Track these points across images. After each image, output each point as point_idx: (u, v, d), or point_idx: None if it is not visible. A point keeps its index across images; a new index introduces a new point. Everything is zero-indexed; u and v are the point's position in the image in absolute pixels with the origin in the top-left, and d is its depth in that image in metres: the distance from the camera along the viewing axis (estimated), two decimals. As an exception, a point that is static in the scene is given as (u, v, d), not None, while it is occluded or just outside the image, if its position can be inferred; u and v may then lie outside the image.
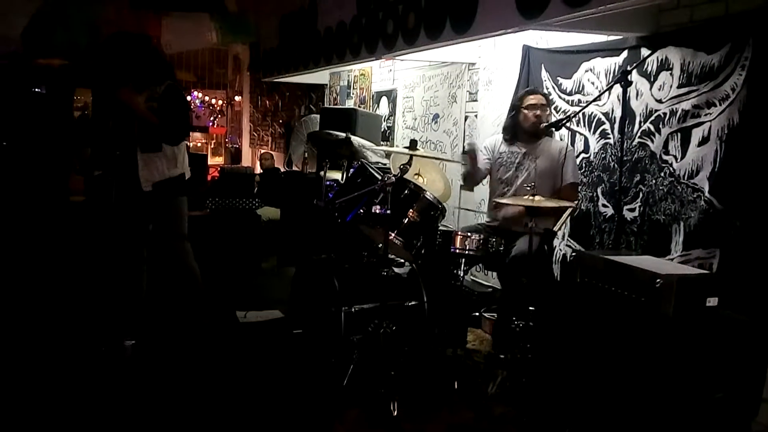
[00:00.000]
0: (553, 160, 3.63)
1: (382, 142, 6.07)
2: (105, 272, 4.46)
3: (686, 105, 3.16)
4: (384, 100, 6.40)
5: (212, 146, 12.66)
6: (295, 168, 7.11)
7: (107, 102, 3.82)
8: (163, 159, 3.74)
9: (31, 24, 7.38)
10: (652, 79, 3.35)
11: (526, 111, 3.69)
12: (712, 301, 2.42)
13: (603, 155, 3.69)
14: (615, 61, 3.59)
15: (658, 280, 2.39)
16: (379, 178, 3.36)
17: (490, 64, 4.72)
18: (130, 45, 3.75)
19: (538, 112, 3.66)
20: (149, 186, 3.74)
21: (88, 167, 5.75)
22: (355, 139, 4.00)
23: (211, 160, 11.26)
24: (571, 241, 3.93)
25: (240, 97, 11.88)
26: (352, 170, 3.80)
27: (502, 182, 3.77)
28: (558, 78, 4.01)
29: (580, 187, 3.74)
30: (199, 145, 12.41)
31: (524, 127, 3.70)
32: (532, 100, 3.70)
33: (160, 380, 3.26)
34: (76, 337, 3.70)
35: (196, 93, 12.35)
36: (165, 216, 3.83)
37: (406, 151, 3.32)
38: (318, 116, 6.55)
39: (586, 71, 3.80)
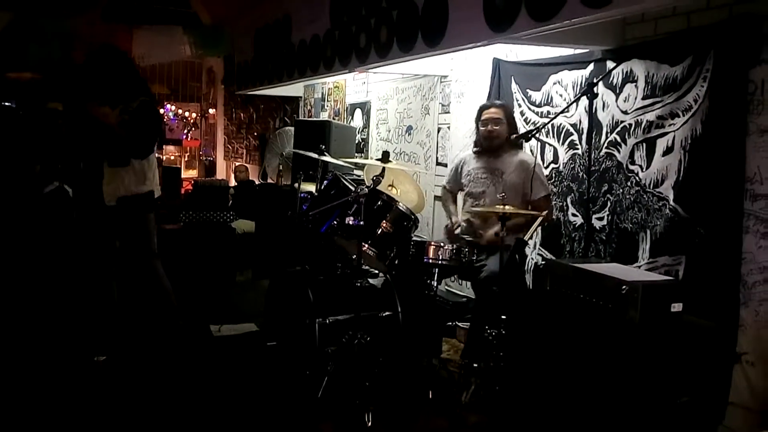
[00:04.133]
0: (521, 173, 3.60)
1: (356, 154, 6.11)
2: (74, 288, 4.41)
3: (651, 116, 3.24)
4: (358, 112, 6.43)
5: (186, 159, 12.58)
6: (269, 180, 7.10)
7: (78, 114, 3.79)
8: (130, 174, 3.70)
9: (1, 37, 7.30)
10: (617, 91, 3.43)
11: (481, 126, 3.70)
12: (677, 307, 2.47)
13: (572, 165, 3.75)
14: (582, 74, 3.67)
15: (624, 287, 2.44)
16: (353, 189, 3.38)
17: (462, 76, 4.79)
18: (109, 60, 3.74)
19: (491, 126, 3.65)
20: (113, 201, 3.69)
21: (39, 183, 5.61)
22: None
23: (185, 173, 11.19)
24: (543, 249, 3.99)
25: (214, 110, 11.84)
26: (325, 182, 3.82)
27: (473, 196, 3.76)
28: (527, 90, 4.08)
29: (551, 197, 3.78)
30: (172, 158, 12.33)
31: (481, 142, 3.73)
32: (485, 114, 3.70)
33: (133, 396, 3.23)
34: (48, 353, 3.66)
35: (169, 106, 12.27)
36: (132, 233, 3.77)
37: (379, 163, 3.35)
38: (292, 129, 6.56)
39: (554, 83, 3.87)
